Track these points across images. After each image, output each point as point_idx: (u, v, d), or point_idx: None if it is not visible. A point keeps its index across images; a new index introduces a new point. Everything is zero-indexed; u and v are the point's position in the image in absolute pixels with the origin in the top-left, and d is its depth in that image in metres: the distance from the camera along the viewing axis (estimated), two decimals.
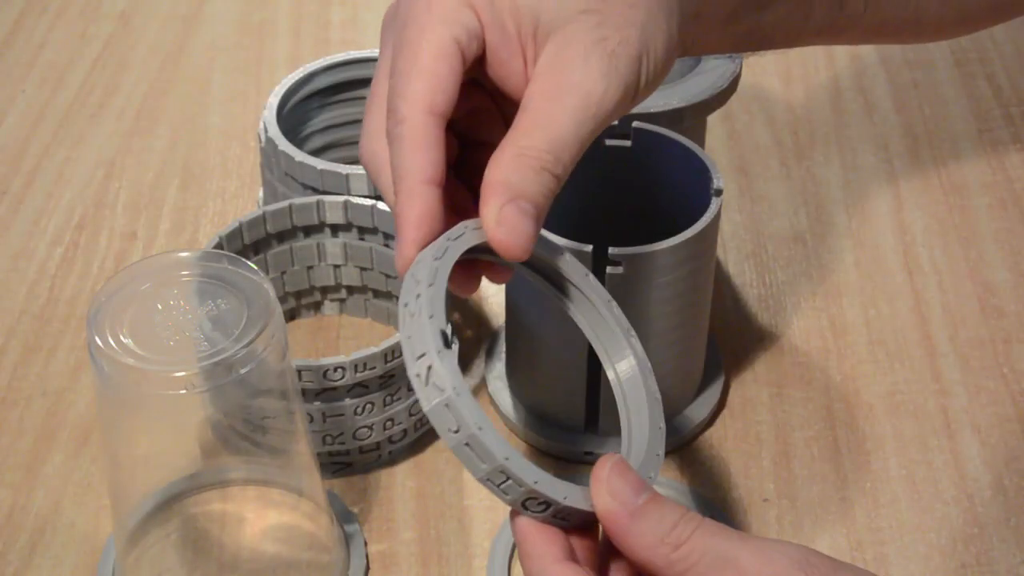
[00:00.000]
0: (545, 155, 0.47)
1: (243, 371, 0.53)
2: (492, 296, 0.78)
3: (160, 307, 0.55)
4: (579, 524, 0.46)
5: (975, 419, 0.71)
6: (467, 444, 0.44)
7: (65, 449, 0.70)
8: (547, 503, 0.45)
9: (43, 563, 0.64)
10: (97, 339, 0.53)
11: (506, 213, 0.47)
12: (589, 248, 0.62)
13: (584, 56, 0.48)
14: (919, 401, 0.72)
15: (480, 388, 0.72)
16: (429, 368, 0.44)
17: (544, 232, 0.51)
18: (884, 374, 0.73)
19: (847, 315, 0.77)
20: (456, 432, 0.44)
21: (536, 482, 0.44)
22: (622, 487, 0.45)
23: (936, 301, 0.77)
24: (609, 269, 0.62)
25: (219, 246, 0.69)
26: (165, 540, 0.63)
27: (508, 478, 0.44)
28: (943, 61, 0.95)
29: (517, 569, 0.64)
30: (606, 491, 0.45)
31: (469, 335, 0.76)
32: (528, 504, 0.45)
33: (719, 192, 0.64)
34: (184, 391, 0.53)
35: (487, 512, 0.67)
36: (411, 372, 0.45)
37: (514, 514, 0.46)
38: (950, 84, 0.93)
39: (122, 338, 0.53)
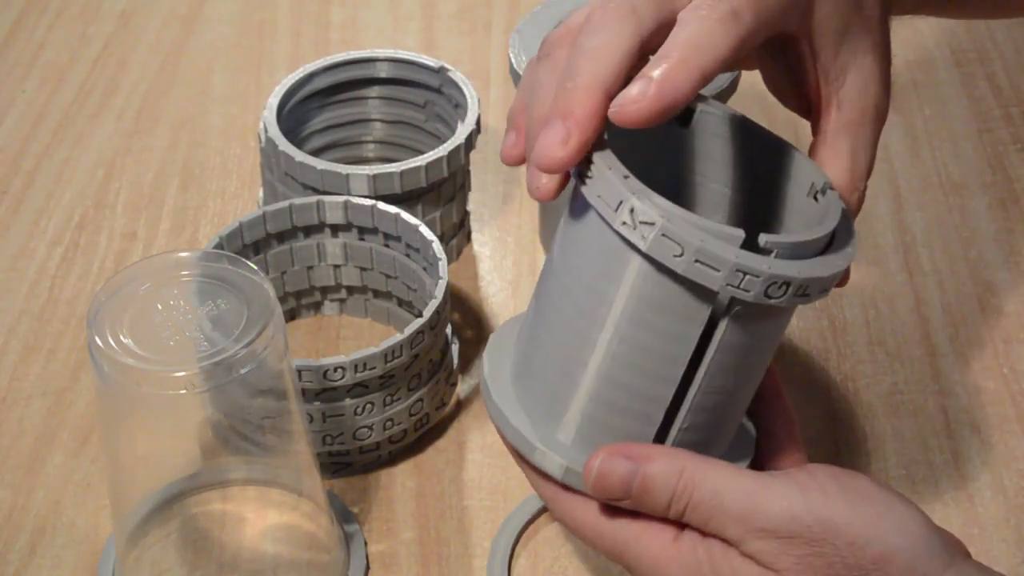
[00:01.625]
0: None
1: (243, 371, 0.53)
2: (492, 296, 0.78)
3: (160, 307, 0.55)
4: (822, 292, 0.48)
5: (975, 419, 0.71)
6: (696, 261, 0.45)
7: (65, 449, 0.70)
8: (787, 282, 0.46)
9: (43, 563, 0.64)
10: (97, 339, 0.53)
11: None
12: (741, 233, 0.48)
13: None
14: (919, 401, 0.72)
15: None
16: (632, 211, 0.46)
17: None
18: (884, 374, 0.73)
19: (847, 315, 0.77)
20: (681, 256, 0.45)
21: (770, 267, 0.46)
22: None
23: (936, 301, 0.77)
24: None
25: (219, 246, 0.69)
26: (165, 540, 0.63)
27: (745, 274, 0.45)
28: (943, 61, 0.95)
29: (517, 569, 0.64)
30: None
31: (469, 335, 0.76)
32: (771, 291, 0.46)
33: (827, 188, 0.54)
34: (184, 391, 0.53)
35: (487, 512, 0.67)
36: (617, 224, 0.46)
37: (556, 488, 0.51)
38: (950, 84, 0.93)
39: (122, 338, 0.53)
